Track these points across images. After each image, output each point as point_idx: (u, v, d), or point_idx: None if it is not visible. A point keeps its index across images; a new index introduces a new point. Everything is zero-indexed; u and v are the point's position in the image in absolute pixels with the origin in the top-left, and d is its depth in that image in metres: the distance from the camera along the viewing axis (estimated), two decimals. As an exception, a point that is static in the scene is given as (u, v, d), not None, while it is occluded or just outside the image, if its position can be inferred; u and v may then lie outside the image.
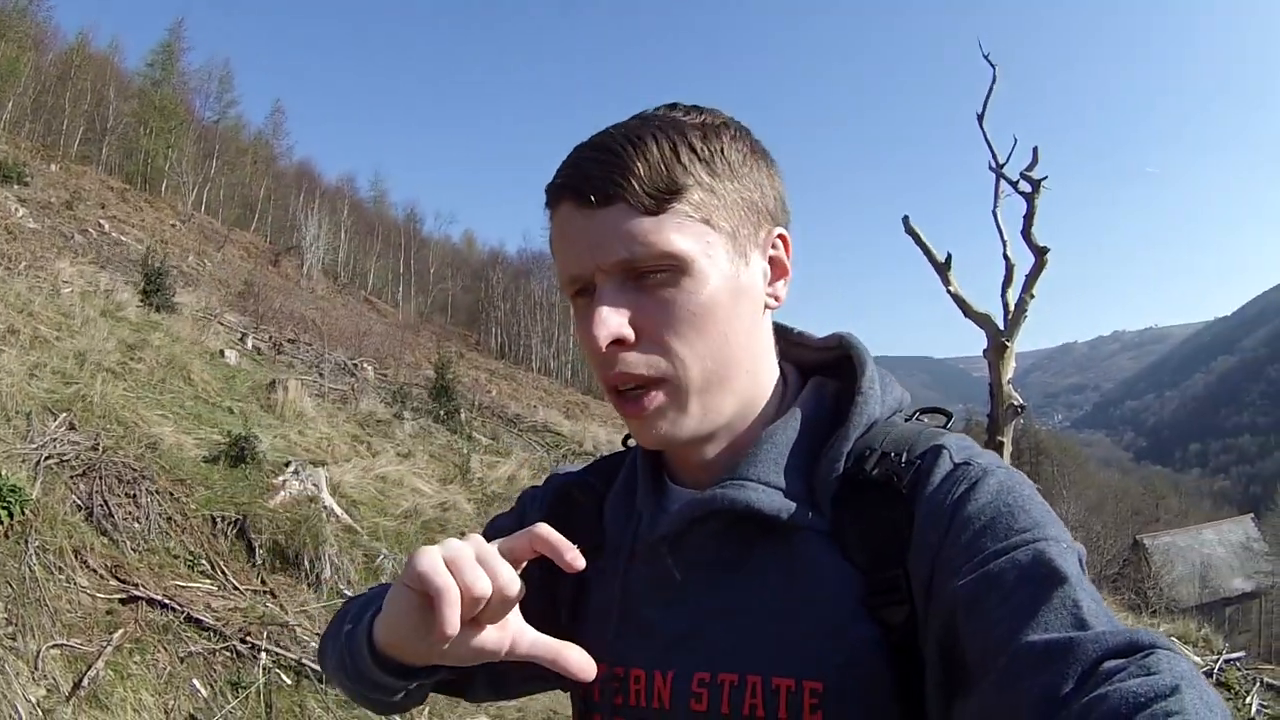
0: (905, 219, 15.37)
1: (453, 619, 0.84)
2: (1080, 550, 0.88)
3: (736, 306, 1.02)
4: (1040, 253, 14.92)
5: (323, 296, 42.56)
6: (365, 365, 20.18)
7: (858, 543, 0.97)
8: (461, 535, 1.30)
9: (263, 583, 7.13)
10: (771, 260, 1.08)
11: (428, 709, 7.12)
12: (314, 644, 6.69)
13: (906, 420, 1.10)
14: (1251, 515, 49.32)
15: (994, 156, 16.00)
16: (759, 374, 1.08)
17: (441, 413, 17.72)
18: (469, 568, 0.86)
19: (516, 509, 1.32)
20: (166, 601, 6.09)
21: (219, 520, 7.37)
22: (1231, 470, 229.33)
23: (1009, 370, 14.60)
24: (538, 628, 1.00)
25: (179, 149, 52.87)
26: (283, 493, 8.19)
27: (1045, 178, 15.43)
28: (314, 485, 8.60)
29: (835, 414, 1.08)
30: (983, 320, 14.71)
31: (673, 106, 1.05)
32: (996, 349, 14.47)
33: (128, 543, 6.46)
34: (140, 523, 6.69)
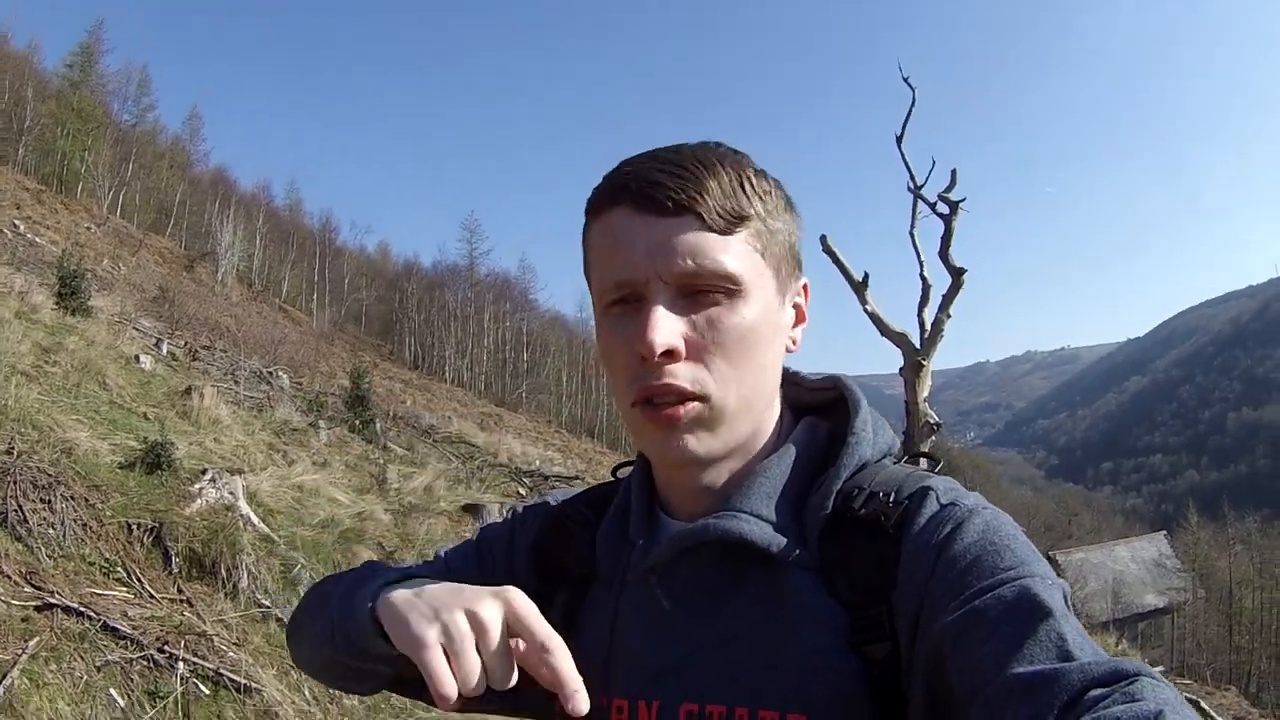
0: (823, 238, 15.42)
1: (446, 704, 0.88)
2: (1065, 586, 0.90)
3: (773, 341, 1.06)
4: (957, 273, 15.06)
5: (237, 304, 41.83)
6: (280, 373, 19.96)
7: (843, 579, 1.00)
8: (438, 561, 1.35)
9: (179, 591, 7.03)
10: (795, 306, 1.12)
11: (346, 719, 7.11)
12: (232, 654, 6.62)
13: (896, 463, 1.12)
14: (1164, 533, 50.84)
15: (912, 178, 16.12)
16: (770, 410, 1.12)
17: (357, 422, 17.60)
18: (466, 660, 0.88)
19: (507, 526, 1.33)
20: (83, 609, 5.97)
21: (135, 527, 7.22)
22: (1143, 489, 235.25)
23: (925, 388, 14.75)
24: (527, 685, 1.00)
25: (96, 151, 51.65)
26: (199, 500, 8.07)
27: (963, 200, 15.58)
28: (230, 493, 8.48)
29: (827, 453, 1.11)
30: (899, 339, 14.85)
31: (717, 145, 1.06)
32: (913, 367, 14.60)
33: (43, 549, 6.32)
34: (55, 529, 6.55)
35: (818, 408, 1.20)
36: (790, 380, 1.19)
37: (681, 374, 0.99)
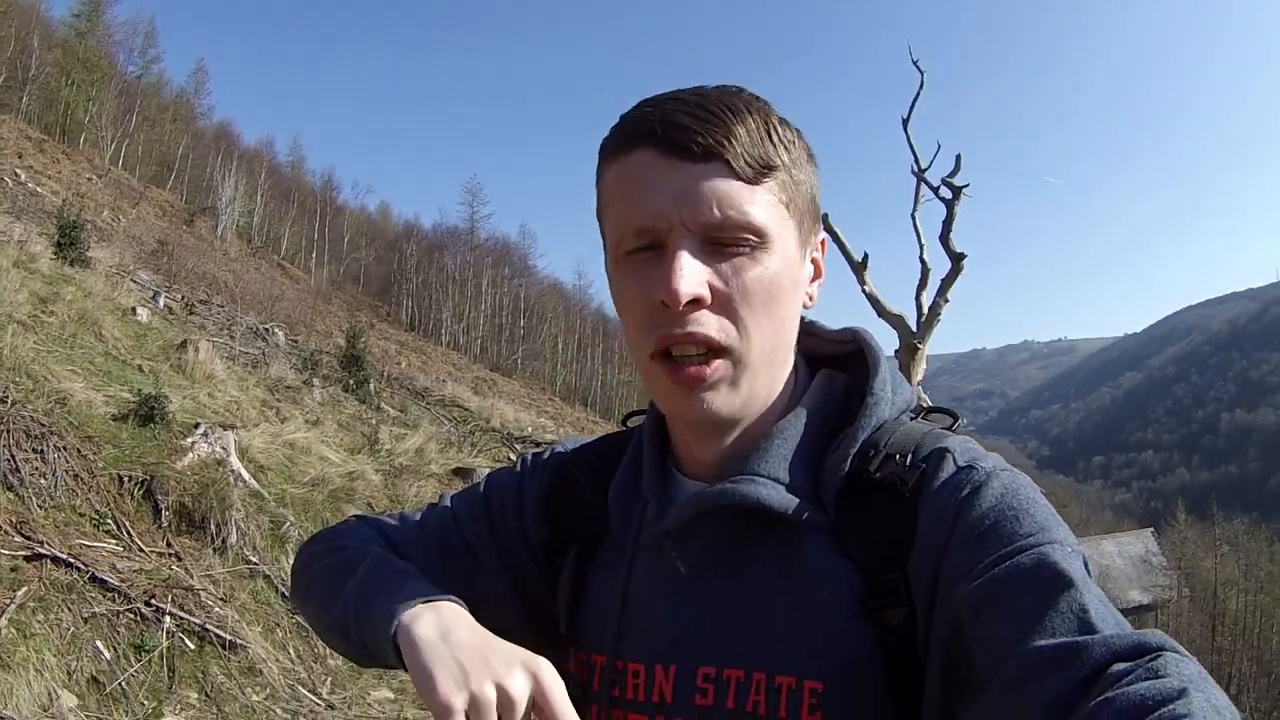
0: (824, 216, 15.37)
1: None
2: (1085, 553, 0.89)
3: (794, 294, 1.04)
4: (957, 259, 14.99)
5: (235, 259, 41.69)
6: (276, 330, 19.91)
7: (860, 543, 0.99)
8: (445, 511, 1.31)
9: (168, 545, 7.04)
10: (813, 260, 1.10)
11: (330, 679, 7.15)
12: (218, 609, 6.67)
13: (913, 419, 1.11)
14: (1152, 529, 50.71)
15: (916, 161, 16.01)
16: (787, 365, 1.09)
17: (351, 382, 17.58)
18: None
19: (516, 475, 1.30)
20: (72, 560, 5.99)
21: (126, 480, 7.24)
22: (1133, 484, 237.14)
23: (919, 372, 14.73)
24: (534, 642, 1.02)
25: (99, 102, 51.31)
26: (191, 455, 8.09)
27: (966, 185, 15.44)
28: (222, 449, 8.50)
29: (844, 411, 1.09)
30: (896, 321, 14.81)
31: (739, 89, 1.03)
32: (908, 350, 14.57)
33: (34, 499, 6.32)
34: (47, 479, 6.56)
35: (834, 359, 1.17)
36: (807, 330, 1.16)
37: (710, 322, 0.97)
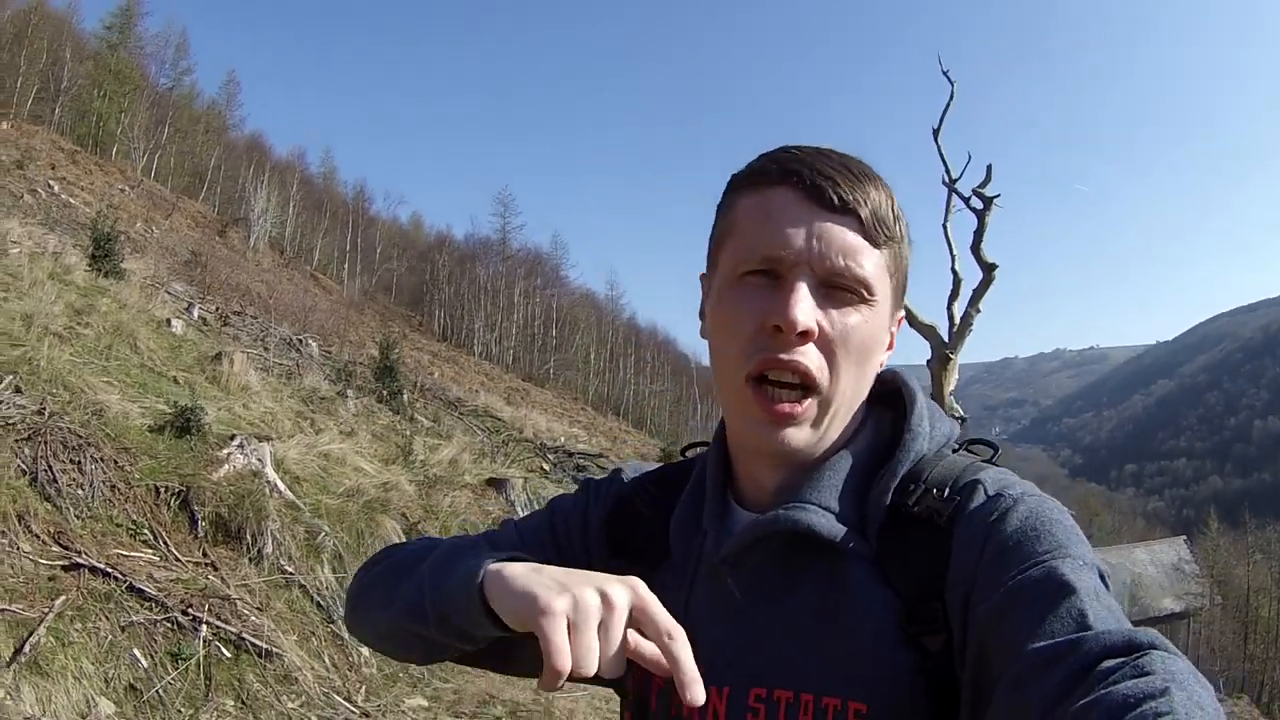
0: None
1: (556, 683, 0.87)
2: (1102, 567, 0.94)
3: (879, 354, 1.12)
4: (988, 269, 15.04)
5: (268, 270, 41.92)
6: (310, 341, 20.01)
7: (900, 573, 1.03)
8: (509, 529, 1.35)
9: (204, 555, 7.11)
10: (890, 333, 1.15)
11: (364, 687, 7.18)
12: (254, 618, 6.71)
13: (954, 451, 1.16)
14: (1184, 537, 50.32)
15: (947, 171, 16.11)
16: (856, 413, 1.14)
17: (385, 393, 17.65)
18: (588, 636, 0.87)
19: (581, 501, 1.34)
20: (109, 570, 6.06)
21: (162, 490, 7.32)
22: (1165, 492, 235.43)
23: (951, 382, 14.73)
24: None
25: (131, 114, 51.71)
26: (227, 466, 8.16)
27: (998, 195, 15.58)
28: (258, 460, 8.56)
29: (890, 445, 1.14)
30: (928, 331, 14.83)
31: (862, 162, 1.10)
32: (940, 360, 14.59)
33: (71, 509, 6.41)
34: (84, 490, 6.63)
35: (883, 397, 1.21)
36: None
37: (814, 356, 1.03)
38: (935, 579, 1.00)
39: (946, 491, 1.05)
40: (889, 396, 1.20)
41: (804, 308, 1.00)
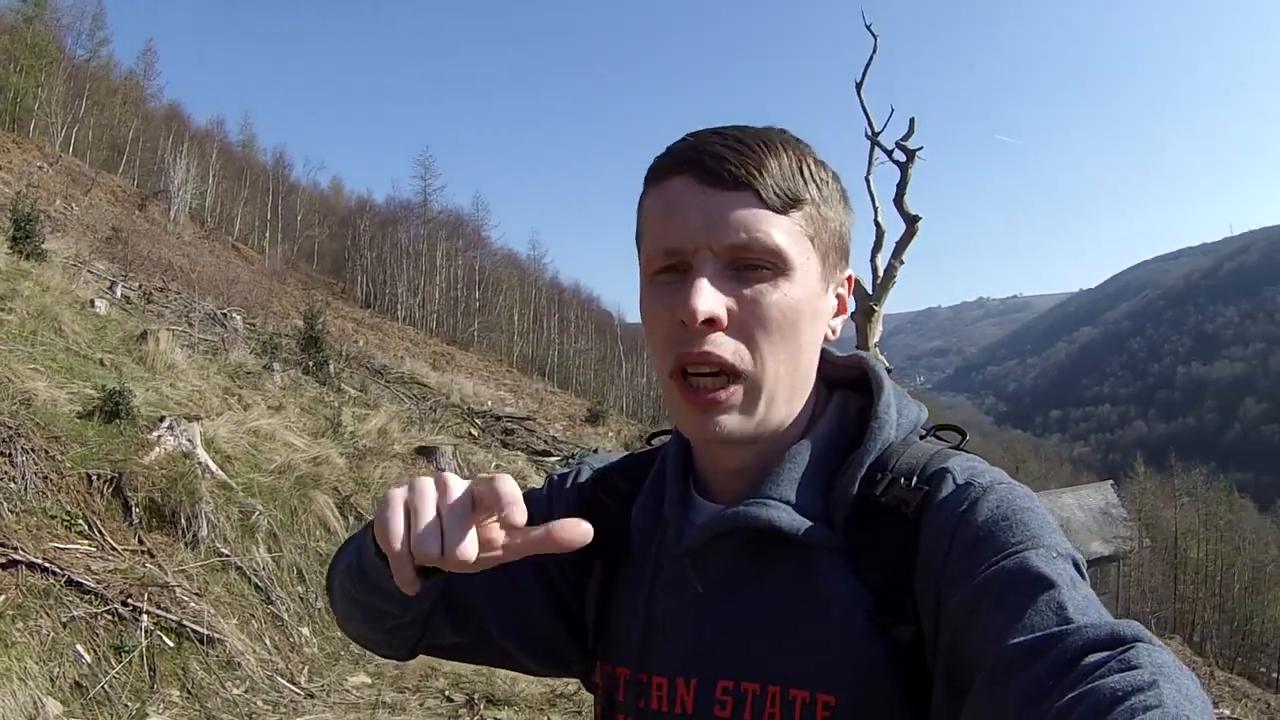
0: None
1: (405, 577, 0.87)
2: (1078, 556, 0.93)
3: (813, 325, 1.09)
4: (911, 221, 15.07)
5: (190, 242, 40.79)
6: (234, 315, 19.63)
7: (869, 563, 1.03)
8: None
9: (140, 542, 7.07)
10: (838, 296, 1.15)
11: (307, 667, 7.23)
12: (194, 604, 6.72)
13: (922, 437, 1.16)
14: (1111, 482, 51.43)
15: (870, 124, 16.06)
16: (805, 392, 1.13)
17: (311, 364, 17.38)
18: (421, 522, 0.85)
19: (545, 496, 1.34)
20: (47, 565, 5.99)
21: (95, 478, 7.24)
22: (1091, 438, 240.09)
23: (876, 333, 14.78)
24: (575, 653, 1.16)
25: (49, 88, 49.81)
26: (157, 449, 8.08)
27: (920, 148, 15.54)
28: (188, 441, 8.47)
29: (856, 432, 1.14)
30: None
31: (781, 130, 1.10)
32: (864, 313, 14.62)
33: (4, 504, 6.30)
34: (16, 483, 6.54)
35: (848, 382, 1.21)
36: (821, 357, 1.18)
37: (725, 344, 1.01)
38: (904, 570, 1.00)
39: (914, 481, 1.04)
40: (855, 382, 1.20)
41: (704, 297, 0.98)
